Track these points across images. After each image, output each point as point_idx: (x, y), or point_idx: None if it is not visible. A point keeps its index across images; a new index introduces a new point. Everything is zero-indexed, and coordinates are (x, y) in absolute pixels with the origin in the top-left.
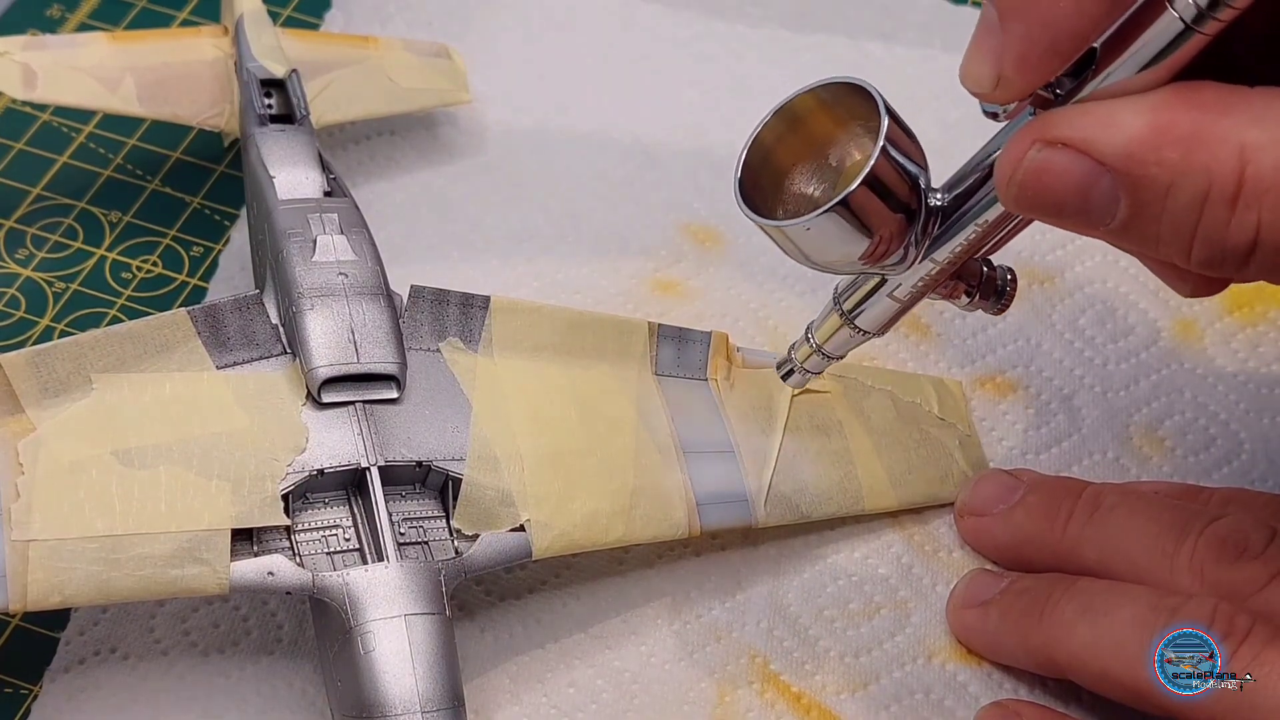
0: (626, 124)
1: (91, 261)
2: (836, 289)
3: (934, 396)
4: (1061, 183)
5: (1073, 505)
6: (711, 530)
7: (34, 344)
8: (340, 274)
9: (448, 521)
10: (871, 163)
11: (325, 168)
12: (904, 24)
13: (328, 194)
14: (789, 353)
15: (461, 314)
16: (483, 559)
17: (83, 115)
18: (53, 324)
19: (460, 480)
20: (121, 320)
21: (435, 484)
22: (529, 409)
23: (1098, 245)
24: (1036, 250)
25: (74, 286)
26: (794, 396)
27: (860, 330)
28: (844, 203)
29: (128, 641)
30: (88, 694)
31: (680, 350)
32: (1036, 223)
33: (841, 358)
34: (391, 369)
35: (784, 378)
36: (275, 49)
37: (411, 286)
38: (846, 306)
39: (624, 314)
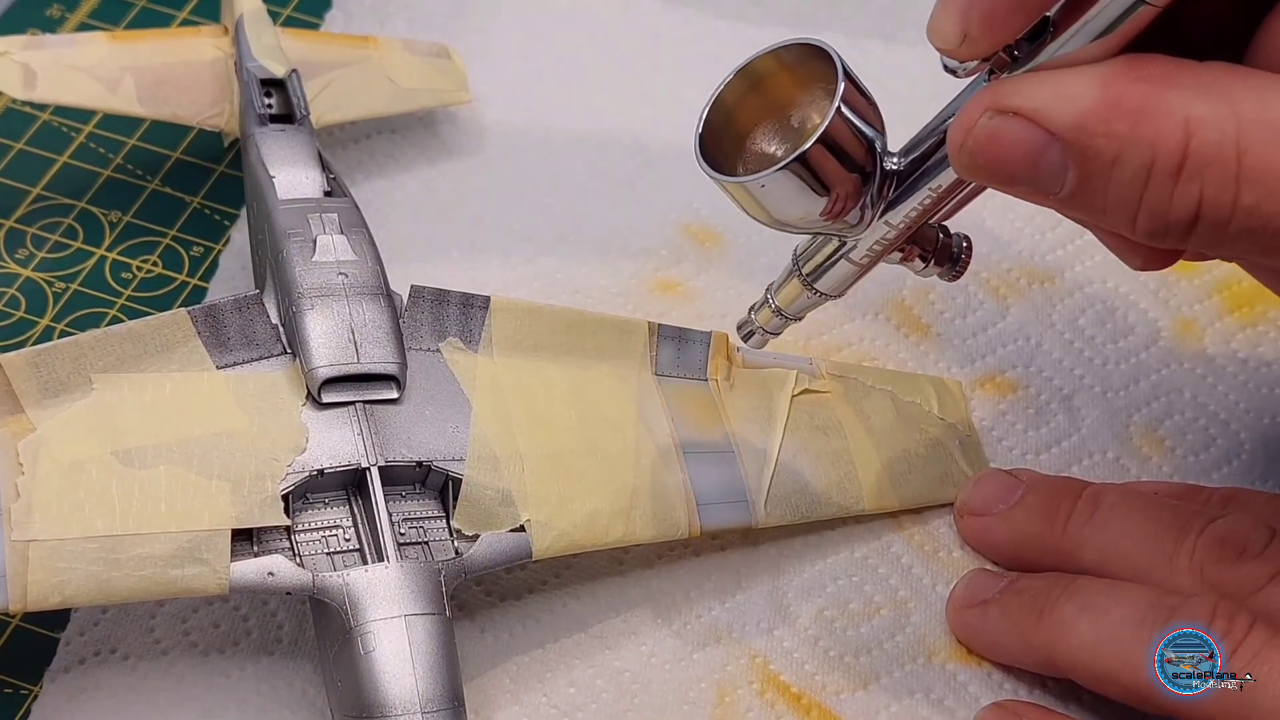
0: (626, 124)
1: (91, 261)
2: (795, 251)
3: (934, 396)
4: (1012, 151)
5: (1072, 505)
6: (711, 530)
7: (34, 344)
8: (340, 274)
9: (448, 522)
10: (827, 122)
11: (325, 168)
12: (904, 24)
13: (328, 194)
14: (749, 313)
15: (461, 314)
16: (483, 559)
17: (83, 115)
18: (53, 324)
19: (460, 480)
20: (121, 320)
21: (435, 484)
22: (529, 409)
23: (1098, 245)
24: (1036, 250)
25: (74, 286)
26: (794, 397)
27: (818, 292)
28: (800, 159)
29: (128, 641)
30: (88, 694)
31: (680, 350)
32: (1036, 223)
33: (800, 319)
34: (392, 369)
35: (744, 339)
36: (275, 49)
37: (411, 286)
38: (805, 269)
39: (624, 314)
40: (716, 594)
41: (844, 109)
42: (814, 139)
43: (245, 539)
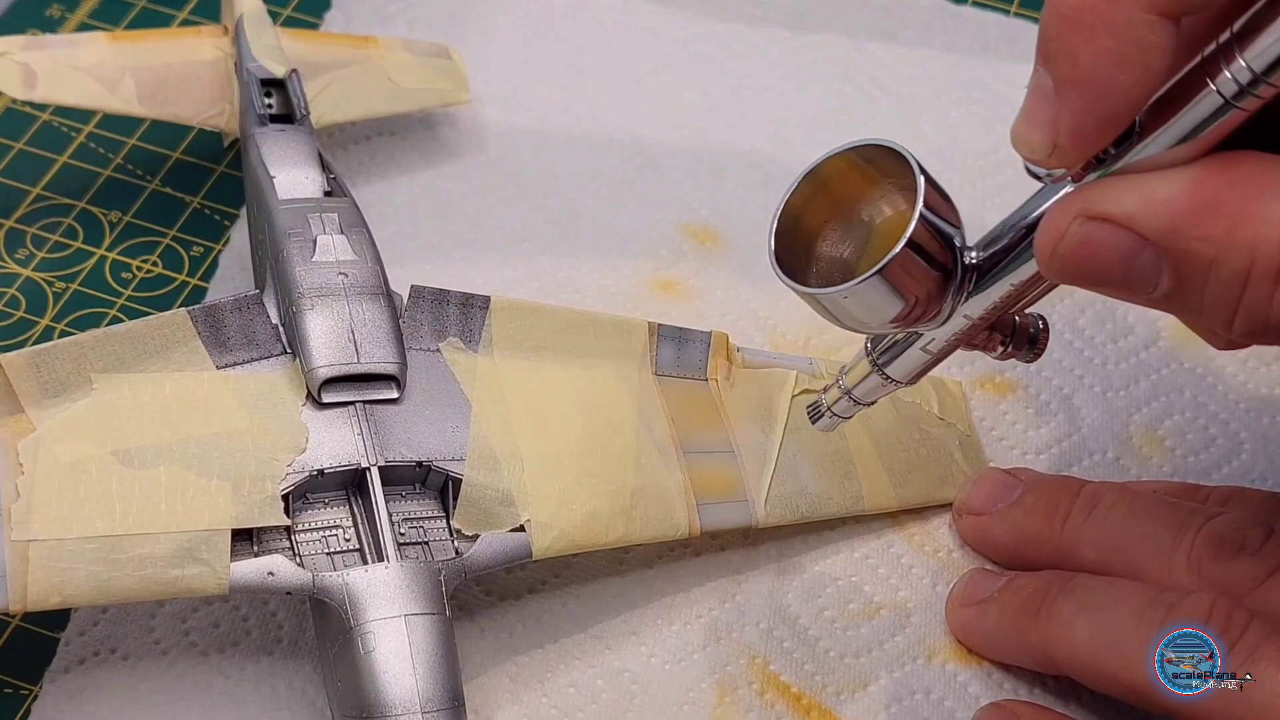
0: (626, 124)
1: (91, 261)
2: (868, 340)
3: (934, 396)
4: (1104, 256)
5: (1071, 504)
6: (711, 530)
7: (34, 344)
8: (340, 274)
9: (448, 522)
10: (911, 229)
11: (325, 168)
12: (904, 24)
13: (328, 194)
14: (820, 395)
15: (461, 314)
16: (483, 559)
17: (83, 115)
18: (53, 324)
19: (460, 480)
20: (121, 320)
21: (435, 484)
22: (529, 409)
23: None
24: None
25: (74, 286)
26: (794, 397)
27: (890, 379)
28: (881, 271)
29: (128, 642)
30: (88, 694)
31: (680, 350)
32: None
33: (871, 404)
34: (391, 369)
35: (813, 420)
36: (275, 49)
37: (411, 286)
38: (878, 356)
39: (624, 314)
40: (716, 594)
41: (926, 212)
42: (899, 247)
43: (245, 539)
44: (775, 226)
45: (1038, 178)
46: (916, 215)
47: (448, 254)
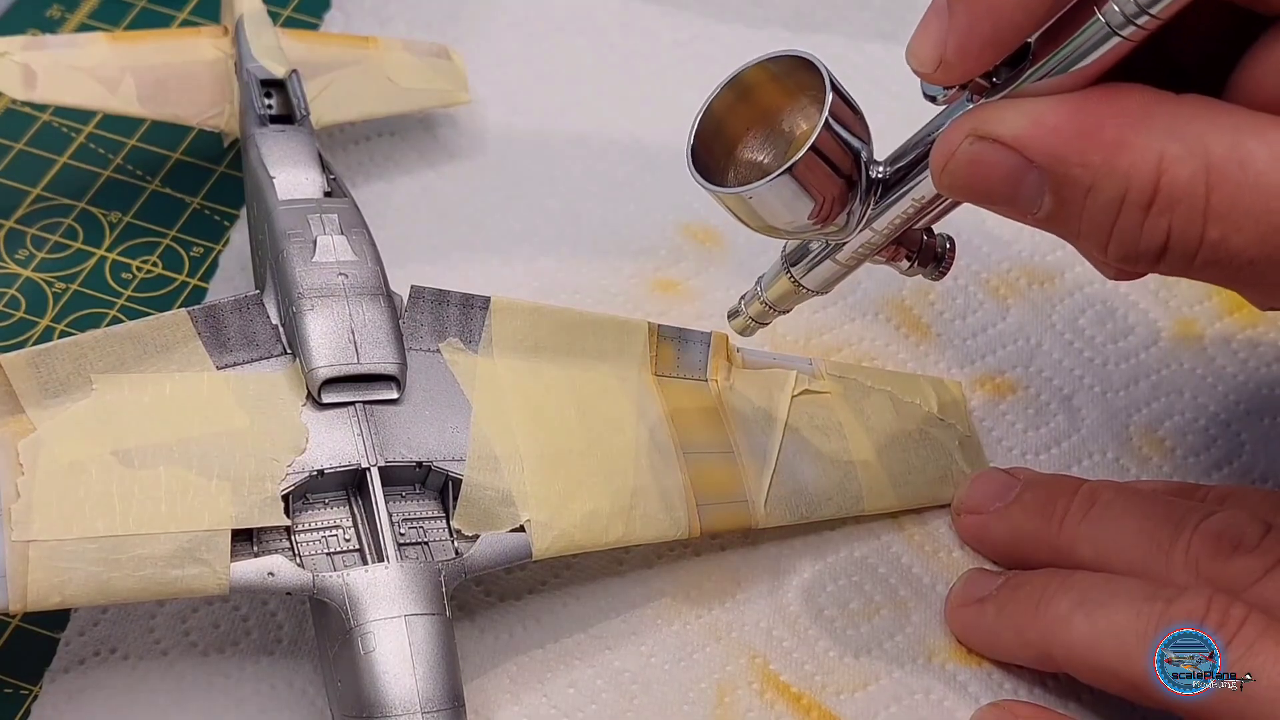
0: (626, 124)
1: (91, 261)
2: (784, 248)
3: (934, 397)
4: (991, 174)
5: (1069, 502)
6: (711, 530)
7: (34, 344)
8: (340, 274)
9: (448, 522)
10: (816, 134)
11: (325, 168)
12: (904, 24)
13: (328, 194)
14: (739, 303)
15: (461, 314)
16: (483, 559)
17: (83, 115)
18: (53, 324)
19: (460, 480)
20: (121, 320)
21: (435, 484)
22: (529, 409)
23: None
24: (1036, 250)
25: (74, 286)
26: (794, 397)
27: (805, 288)
28: (790, 170)
29: (128, 642)
30: (88, 694)
31: (680, 350)
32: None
33: (787, 311)
34: (392, 369)
35: (730, 320)
36: (275, 49)
37: (412, 287)
38: (793, 265)
39: (624, 314)
40: (716, 594)
41: (832, 121)
42: (804, 150)
43: (245, 539)
44: (696, 128)
45: (932, 100)
46: (821, 122)
47: (448, 254)
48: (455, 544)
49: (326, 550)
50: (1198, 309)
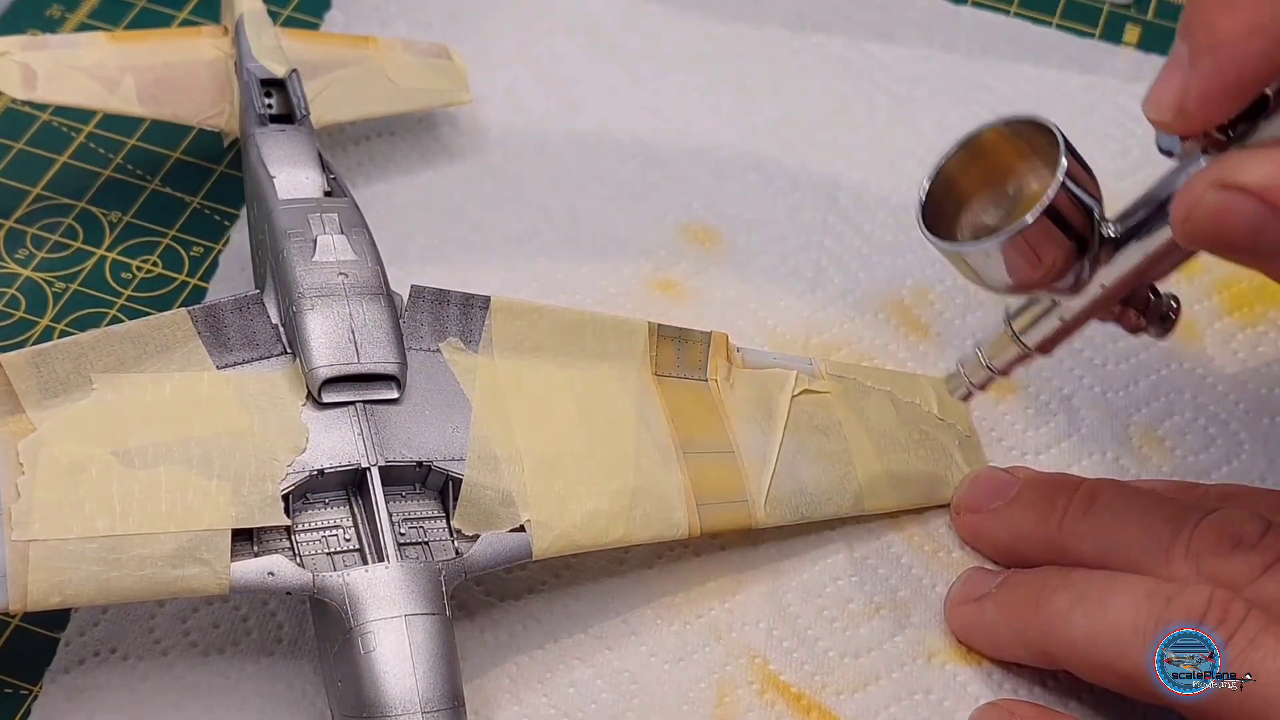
0: (626, 124)
1: (91, 261)
2: (1008, 307)
3: (934, 397)
4: (1235, 223)
5: (1068, 500)
6: (711, 530)
7: (34, 344)
8: (340, 274)
9: (448, 522)
10: (1050, 195)
11: (325, 168)
12: (904, 24)
13: (328, 194)
14: (958, 367)
15: (461, 314)
16: (483, 559)
17: (83, 115)
18: (53, 324)
19: (460, 480)
20: (121, 320)
21: (435, 484)
22: (529, 409)
23: None
24: None
25: (74, 286)
26: (794, 397)
27: (1027, 347)
28: (1021, 231)
29: (128, 642)
30: (88, 694)
31: (680, 350)
32: None
33: (1006, 374)
34: (392, 369)
35: (951, 392)
36: (275, 49)
37: (412, 286)
38: (1016, 325)
39: (624, 314)
40: (716, 594)
41: (1068, 181)
42: (1038, 211)
43: (245, 539)
44: (928, 186)
45: (1168, 154)
46: (1056, 184)
47: (448, 254)
48: (455, 544)
49: (326, 550)
50: (1198, 309)
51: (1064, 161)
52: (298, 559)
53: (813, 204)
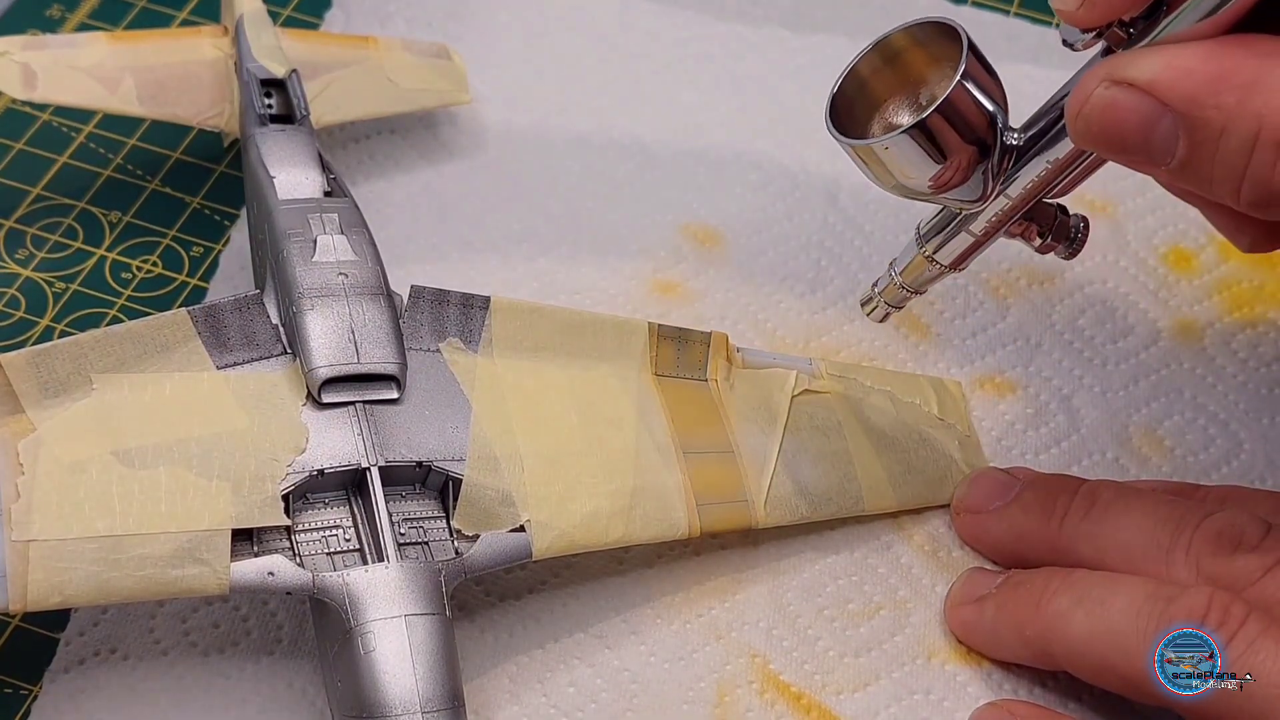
0: (626, 124)
1: (91, 261)
2: (919, 226)
3: (933, 397)
4: (1126, 120)
5: (1069, 501)
6: (711, 530)
7: (34, 344)
8: (340, 274)
9: (448, 522)
10: (949, 90)
11: (325, 168)
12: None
13: (328, 194)
14: (871, 287)
15: (461, 314)
16: (483, 559)
17: (83, 115)
18: (53, 324)
19: (460, 480)
20: (121, 320)
21: (435, 484)
22: (529, 409)
23: (1097, 245)
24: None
25: (74, 286)
26: (794, 397)
27: (939, 264)
28: (921, 124)
29: (128, 642)
30: (88, 694)
31: (680, 350)
32: None
33: (921, 292)
34: (392, 369)
35: (867, 313)
36: (275, 49)
37: (412, 287)
38: (927, 241)
39: (624, 314)
40: (716, 594)
41: (966, 81)
42: (936, 106)
43: (245, 539)
44: (838, 85)
45: (1070, 46)
46: (955, 80)
47: (448, 254)
48: (455, 544)
49: (326, 550)
50: (1198, 309)
51: (965, 59)
52: (298, 559)
53: (813, 204)
